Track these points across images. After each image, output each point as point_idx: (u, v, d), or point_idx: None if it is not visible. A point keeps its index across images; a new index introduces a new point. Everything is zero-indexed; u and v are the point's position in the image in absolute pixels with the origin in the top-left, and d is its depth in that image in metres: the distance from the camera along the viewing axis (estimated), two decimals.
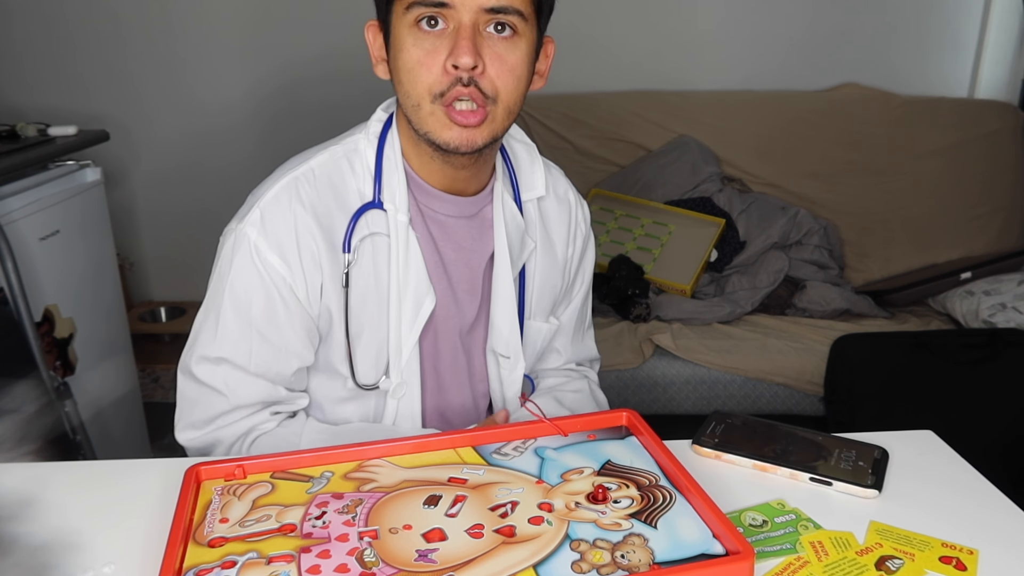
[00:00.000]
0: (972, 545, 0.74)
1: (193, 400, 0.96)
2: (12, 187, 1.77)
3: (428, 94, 0.86)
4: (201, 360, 0.94)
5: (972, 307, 2.18)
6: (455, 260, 1.00)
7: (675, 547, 0.68)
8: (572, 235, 1.10)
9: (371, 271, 0.96)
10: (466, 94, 0.85)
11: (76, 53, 2.65)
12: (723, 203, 2.51)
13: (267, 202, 0.92)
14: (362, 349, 0.97)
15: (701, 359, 2.10)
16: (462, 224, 1.00)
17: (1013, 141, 2.56)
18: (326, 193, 0.94)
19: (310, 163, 0.95)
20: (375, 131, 0.97)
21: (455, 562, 0.66)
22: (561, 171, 1.12)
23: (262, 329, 0.93)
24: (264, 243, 0.91)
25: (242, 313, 0.92)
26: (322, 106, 2.65)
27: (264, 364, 0.94)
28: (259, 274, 0.91)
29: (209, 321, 0.94)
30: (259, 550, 0.68)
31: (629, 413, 0.87)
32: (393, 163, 0.95)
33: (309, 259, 0.92)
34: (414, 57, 0.85)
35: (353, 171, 0.96)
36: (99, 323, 2.01)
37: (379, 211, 0.95)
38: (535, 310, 1.08)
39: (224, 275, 0.92)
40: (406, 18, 0.85)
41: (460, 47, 0.83)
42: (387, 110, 0.99)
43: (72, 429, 1.80)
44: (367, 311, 0.96)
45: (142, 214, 2.83)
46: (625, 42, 2.71)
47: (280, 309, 0.92)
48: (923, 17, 2.70)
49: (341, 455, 0.81)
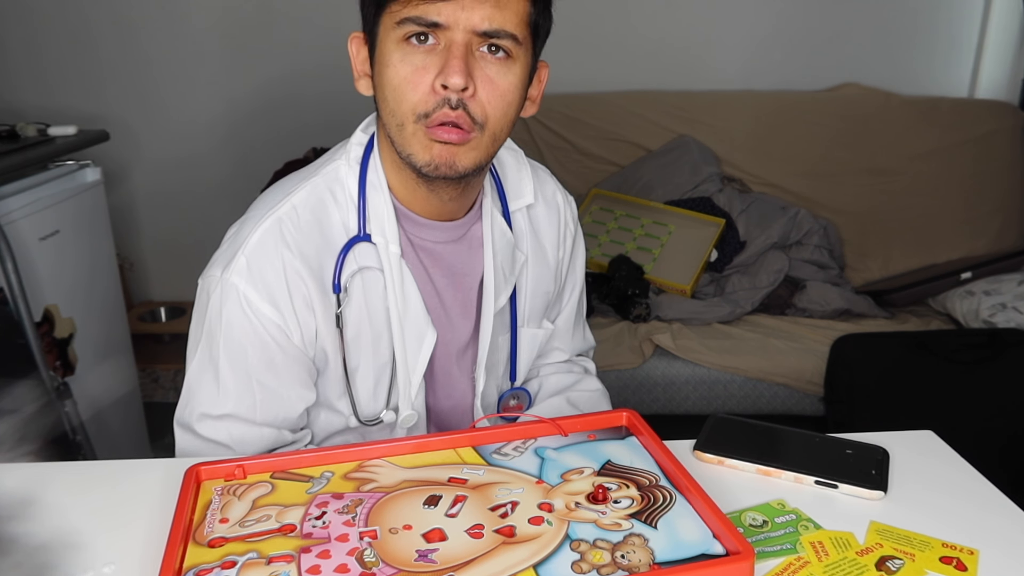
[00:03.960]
0: (972, 545, 0.74)
1: (193, 454, 0.91)
2: (12, 187, 1.77)
3: (412, 114, 0.81)
4: (203, 418, 0.90)
5: (972, 307, 2.18)
6: (447, 285, 0.97)
7: (675, 547, 0.68)
8: (562, 237, 1.07)
9: (363, 306, 0.92)
10: (453, 117, 0.80)
11: (76, 53, 2.65)
12: (723, 203, 2.51)
13: (252, 248, 0.87)
14: (359, 385, 0.95)
15: (701, 359, 2.10)
16: (450, 249, 0.96)
17: (1013, 141, 2.56)
18: (311, 232, 0.89)
19: (292, 201, 0.90)
20: (356, 156, 0.93)
21: (455, 562, 0.66)
22: (547, 171, 1.09)
23: (262, 379, 0.89)
24: (253, 292, 0.86)
25: (240, 366, 0.88)
26: (323, 102, 2.64)
27: (270, 413, 0.91)
28: (251, 324, 0.87)
29: (207, 376, 0.90)
30: (259, 550, 0.68)
31: (629, 413, 0.87)
32: (377, 191, 0.91)
33: (301, 303, 0.88)
34: (401, 74, 0.81)
35: (336, 202, 0.91)
36: (99, 323, 2.01)
37: (367, 244, 0.91)
38: (528, 318, 1.06)
39: (215, 328, 0.88)
40: (395, 33, 0.81)
41: (451, 66, 0.78)
42: (367, 131, 0.95)
43: (72, 429, 1.80)
44: (362, 347, 0.93)
45: (142, 214, 2.83)
46: (625, 42, 2.71)
47: (278, 356, 0.89)
48: (923, 17, 2.70)
49: (341, 455, 0.81)
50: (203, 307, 0.90)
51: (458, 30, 0.79)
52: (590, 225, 2.53)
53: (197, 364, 0.91)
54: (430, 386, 1.01)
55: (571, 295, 1.13)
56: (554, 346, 1.14)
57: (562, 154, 2.63)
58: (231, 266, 0.87)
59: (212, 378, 0.89)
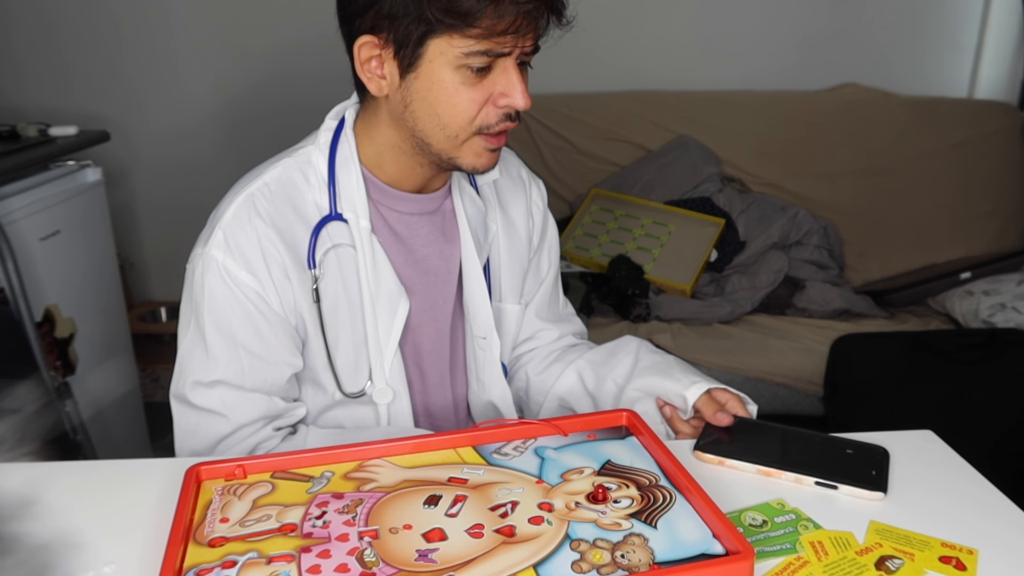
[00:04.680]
0: (972, 545, 0.74)
1: (192, 427, 0.95)
2: (13, 187, 1.77)
3: (472, 127, 0.88)
4: (195, 386, 0.93)
5: (972, 307, 2.18)
6: (427, 255, 1.01)
7: (675, 547, 0.68)
8: (529, 210, 1.11)
9: (339, 282, 0.96)
10: (513, 127, 0.90)
11: (77, 53, 2.65)
12: (723, 203, 2.51)
13: (227, 221, 0.92)
14: (341, 359, 0.98)
15: (701, 359, 2.10)
16: (425, 220, 1.01)
17: (1013, 141, 2.56)
18: (284, 206, 0.94)
19: (263, 178, 0.94)
20: (325, 140, 0.97)
21: (455, 562, 0.66)
22: (512, 152, 1.14)
23: (248, 345, 0.93)
24: (231, 262, 0.91)
25: (225, 334, 0.92)
26: (323, 102, 2.63)
27: (258, 378, 0.94)
28: (232, 293, 0.91)
29: (197, 348, 0.93)
30: (259, 550, 0.68)
31: (629, 413, 0.87)
32: (349, 166, 0.95)
33: (277, 270, 0.92)
34: (464, 96, 0.86)
35: (308, 182, 0.95)
36: (99, 323, 2.01)
37: (339, 222, 0.95)
38: (505, 292, 1.09)
39: (199, 300, 0.92)
40: (455, 60, 0.84)
41: (520, 92, 0.86)
42: (336, 117, 0.99)
43: (72, 429, 1.80)
44: (340, 322, 0.97)
45: (142, 214, 2.83)
46: (625, 42, 2.71)
47: (261, 323, 0.92)
48: (923, 17, 2.71)
49: (341, 455, 0.81)
50: (189, 285, 0.95)
51: (515, 54, 0.86)
52: (590, 225, 2.53)
53: (186, 339, 0.95)
54: (418, 368, 1.04)
55: (547, 274, 1.15)
56: (539, 326, 1.15)
57: (562, 154, 2.63)
58: (210, 240, 0.92)
59: (201, 349, 0.93)
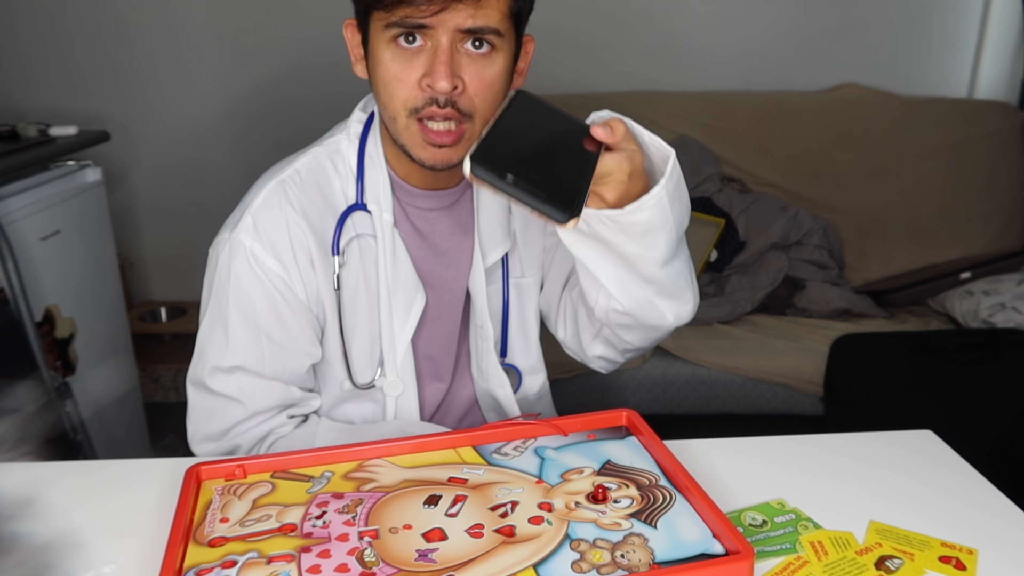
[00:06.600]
0: (971, 545, 0.74)
1: (208, 411, 0.96)
2: (13, 187, 1.77)
3: (404, 108, 0.86)
4: (214, 371, 0.94)
5: (971, 307, 2.18)
6: (447, 249, 1.02)
7: (675, 547, 0.68)
8: None
9: (360, 272, 0.97)
10: (441, 115, 0.84)
11: (77, 53, 2.65)
12: (723, 203, 2.51)
13: (257, 207, 0.93)
14: (356, 349, 0.99)
15: (701, 359, 2.10)
16: (444, 214, 1.01)
17: (1013, 141, 2.56)
18: (313, 194, 0.95)
19: (295, 165, 0.96)
20: (356, 132, 0.98)
21: (455, 562, 0.66)
22: None
23: (270, 332, 0.93)
24: (260, 248, 0.91)
25: (249, 319, 0.93)
26: (324, 101, 2.64)
27: (278, 366, 0.95)
28: (259, 279, 0.92)
29: (217, 332, 0.94)
30: (259, 550, 0.68)
31: (629, 413, 0.87)
32: (375, 164, 0.96)
33: (304, 258, 0.93)
34: (391, 72, 0.85)
35: (337, 172, 0.97)
36: (99, 323, 2.01)
37: (364, 213, 0.96)
38: (524, 266, 1.06)
39: (224, 285, 0.93)
40: (384, 33, 0.84)
41: (437, 71, 0.82)
42: (365, 109, 1.00)
43: (72, 429, 1.80)
44: (358, 311, 0.98)
45: (142, 214, 2.83)
46: (625, 42, 2.71)
47: (284, 310, 0.93)
48: (923, 17, 2.70)
49: (341, 455, 0.82)
50: (212, 270, 0.95)
51: (443, 30, 0.82)
52: None
53: (208, 323, 0.95)
54: (430, 361, 1.04)
55: None
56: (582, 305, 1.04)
57: None
58: (239, 226, 0.92)
59: (222, 333, 0.93)
